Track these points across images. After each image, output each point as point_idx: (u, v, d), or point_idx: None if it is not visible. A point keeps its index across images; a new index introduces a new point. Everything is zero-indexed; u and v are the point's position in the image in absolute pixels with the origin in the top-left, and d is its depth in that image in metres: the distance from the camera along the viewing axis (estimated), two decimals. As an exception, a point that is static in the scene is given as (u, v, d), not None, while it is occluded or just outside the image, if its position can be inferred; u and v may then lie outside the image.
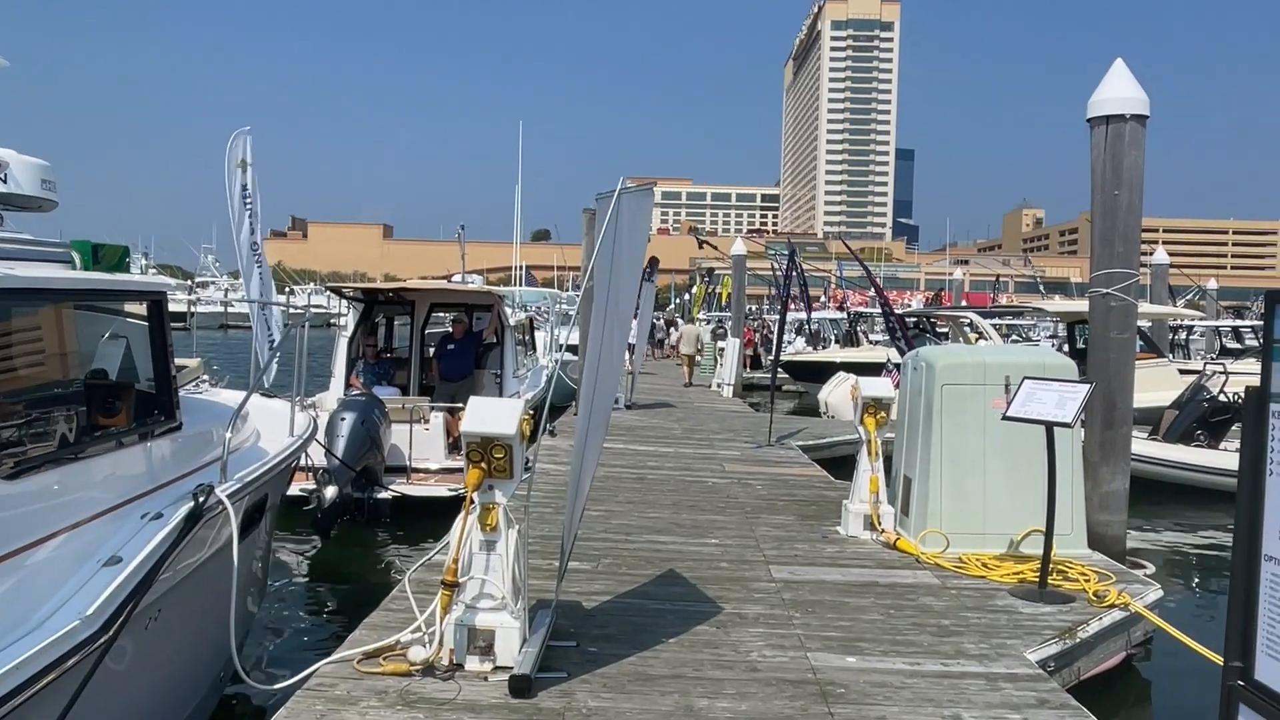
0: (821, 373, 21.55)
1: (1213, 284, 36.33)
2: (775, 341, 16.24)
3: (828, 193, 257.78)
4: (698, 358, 26.15)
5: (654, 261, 17.75)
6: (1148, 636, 6.43)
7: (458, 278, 19.58)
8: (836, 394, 17.75)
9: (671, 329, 39.48)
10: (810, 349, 30.40)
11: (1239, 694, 2.24)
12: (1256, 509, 2.19)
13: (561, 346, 14.83)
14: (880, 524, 7.59)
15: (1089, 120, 7.52)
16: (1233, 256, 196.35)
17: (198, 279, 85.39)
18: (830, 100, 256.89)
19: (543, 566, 6.28)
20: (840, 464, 12.35)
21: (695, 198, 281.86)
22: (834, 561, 7.04)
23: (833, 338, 33.44)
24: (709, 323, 37.85)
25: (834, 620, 5.65)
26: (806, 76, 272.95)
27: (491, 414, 4.48)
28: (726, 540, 7.59)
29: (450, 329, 13.06)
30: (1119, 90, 7.34)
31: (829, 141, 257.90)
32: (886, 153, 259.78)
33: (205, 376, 10.95)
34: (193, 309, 55.43)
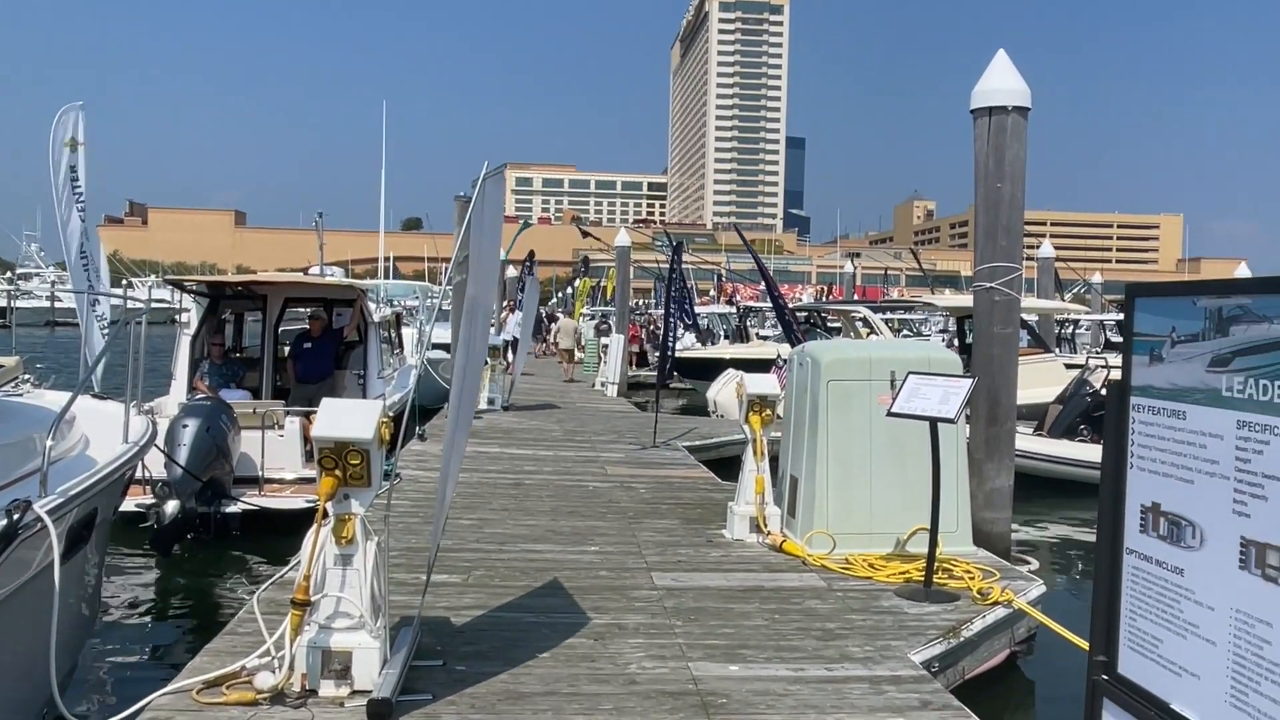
0: (710, 370, 21.85)
1: (1098, 278, 38.48)
2: (662, 338, 16.39)
3: (717, 182, 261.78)
4: (578, 353, 26.31)
5: (531, 255, 17.69)
6: (1031, 633, 6.75)
7: (315, 269, 19.06)
8: (725, 392, 18.02)
9: (552, 324, 39.42)
10: (699, 345, 30.80)
11: (1103, 688, 2.37)
12: (1118, 502, 2.33)
13: (430, 345, 14.60)
14: (766, 526, 7.75)
15: (972, 112, 7.86)
16: (1118, 250, 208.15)
17: (19, 270, 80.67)
18: (719, 85, 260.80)
19: (408, 581, 6.17)
20: (729, 465, 12.54)
21: (578, 185, 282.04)
22: (718, 566, 7.15)
23: (722, 333, 33.95)
24: (592, 318, 37.89)
25: (717, 628, 5.74)
26: (694, 60, 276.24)
27: (346, 417, 4.38)
28: (607, 547, 7.62)
29: (307, 326, 12.69)
30: (1001, 82, 7.69)
31: (718, 128, 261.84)
32: (777, 141, 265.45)
33: (27, 376, 10.34)
34: (13, 303, 52.30)
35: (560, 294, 67.38)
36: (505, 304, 32.49)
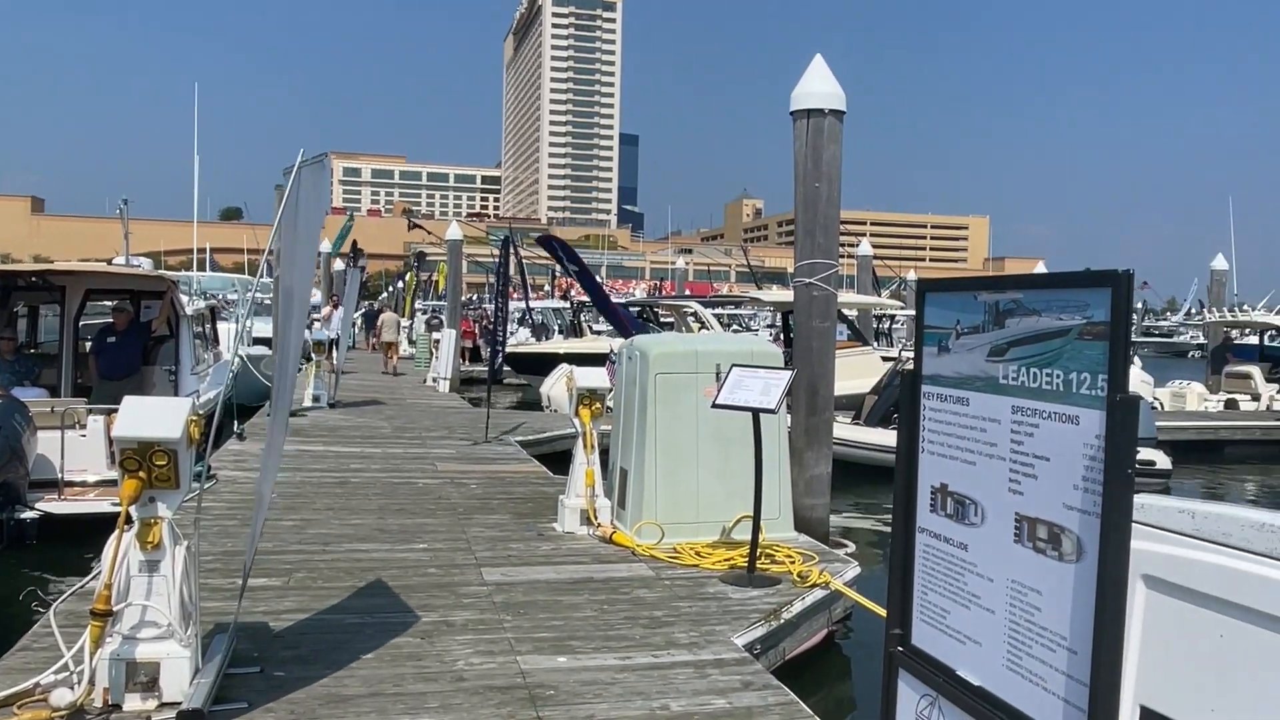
0: (545, 365, 21.83)
1: (912, 275, 40.57)
2: (494, 332, 16.25)
3: (552, 176, 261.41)
4: (407, 347, 25.95)
5: (355, 246, 17.19)
6: (848, 613, 7.09)
7: (120, 259, 17.93)
8: (557, 387, 18.04)
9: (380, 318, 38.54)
10: (534, 340, 30.71)
11: (899, 659, 2.53)
12: (911, 484, 2.48)
13: (251, 340, 14.00)
14: (596, 518, 7.82)
15: (791, 113, 8.16)
16: (931, 249, 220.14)
17: None
18: (553, 80, 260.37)
19: (224, 586, 5.92)
20: (562, 459, 12.54)
21: (409, 177, 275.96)
22: (549, 560, 7.17)
23: (556, 328, 33.98)
24: (424, 312, 37.20)
25: (546, 620, 5.76)
26: (528, 53, 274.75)
27: (150, 415, 4.15)
28: (436, 544, 7.52)
29: (111, 319, 11.93)
30: (817, 86, 8.02)
31: (552, 123, 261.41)
32: (611, 137, 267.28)
33: None
34: None
35: (391, 288, 65.77)
36: (331, 298, 31.49)
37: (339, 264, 36.93)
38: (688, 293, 46.22)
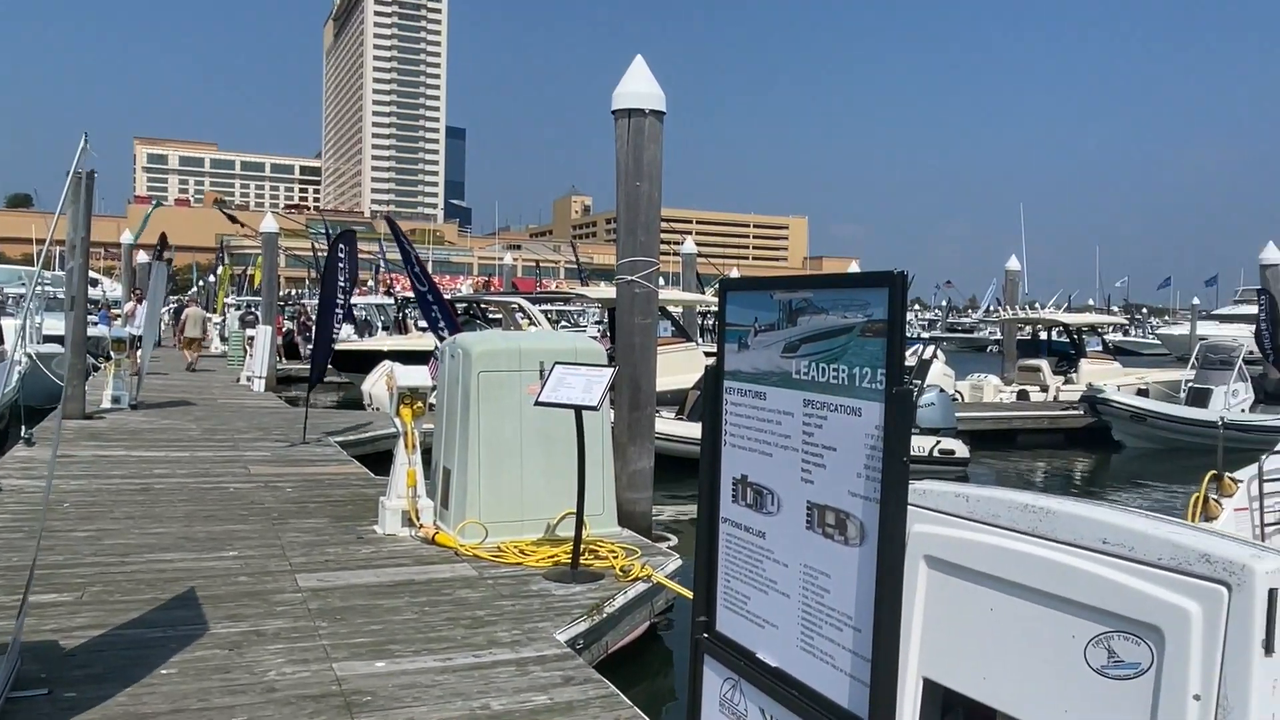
0: (368, 362, 21.26)
1: (735, 273, 41.72)
2: (315, 329, 15.70)
3: (376, 169, 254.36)
4: (219, 344, 24.90)
5: (163, 238, 16.26)
6: (669, 605, 7.24)
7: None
8: (379, 385, 17.62)
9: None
10: (356, 337, 29.84)
11: (704, 645, 2.62)
12: (715, 476, 2.58)
13: (42, 337, 13.04)
14: (419, 519, 7.70)
15: (613, 113, 8.26)
16: (754, 248, 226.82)
17: None
18: (376, 70, 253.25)
19: (6, 604, 5.51)
20: (384, 459, 12.26)
21: (222, 166, 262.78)
22: (369, 563, 7.01)
23: (380, 325, 33.14)
24: (238, 308, 35.55)
25: (364, 625, 5.64)
26: (349, 40, 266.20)
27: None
28: (248, 551, 7.22)
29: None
30: (638, 86, 8.15)
31: (376, 113, 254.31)
32: (437, 129, 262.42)
33: None
34: None
35: (202, 282, 62.45)
36: (134, 292, 29.68)
37: (142, 256, 34.82)
38: (515, 289, 45.99)
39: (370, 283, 52.70)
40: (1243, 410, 18.67)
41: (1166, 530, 2.08)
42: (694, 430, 14.08)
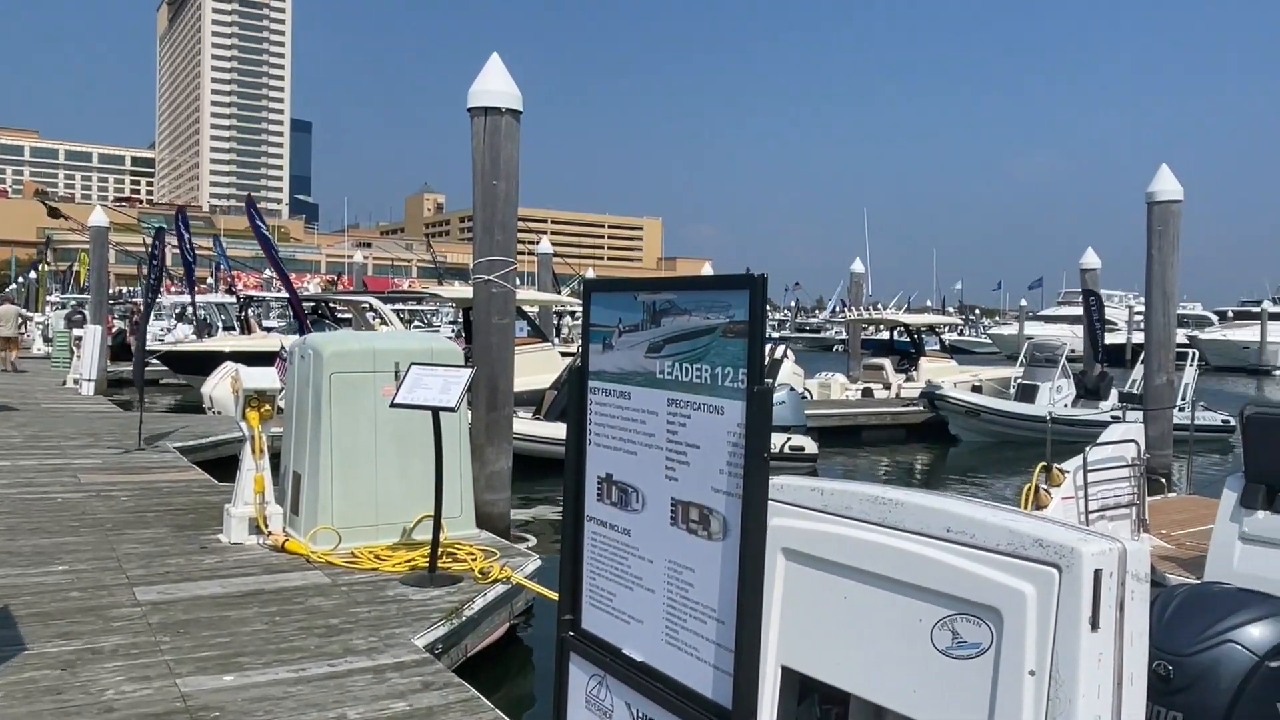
0: (208, 364, 20.35)
1: (591, 273, 41.89)
2: (139, 329, 14.92)
3: (215, 161, 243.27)
4: (44, 346, 23.43)
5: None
6: (529, 605, 7.24)
7: None
8: (221, 387, 16.90)
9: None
10: (195, 337, 28.51)
11: (570, 644, 2.64)
12: (580, 475, 2.61)
13: None
14: (267, 526, 7.44)
15: (469, 110, 8.18)
16: (609, 248, 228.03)
17: None
18: (215, 58, 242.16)
19: None
20: (228, 465, 11.80)
21: (43, 154, 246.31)
22: (214, 573, 6.73)
23: (220, 324, 31.79)
24: (63, 306, 33.43)
25: (211, 638, 5.41)
26: (185, 26, 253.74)
27: None
28: (80, 565, 6.82)
29: None
30: (494, 84, 8.10)
31: (215, 104, 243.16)
32: (281, 122, 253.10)
33: None
34: None
35: (22, 279, 58.37)
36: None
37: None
38: (366, 288, 44.87)
39: (210, 280, 50.45)
40: (1066, 405, 19.96)
41: (1003, 518, 2.23)
42: (552, 430, 14.08)
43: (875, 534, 2.44)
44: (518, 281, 9.66)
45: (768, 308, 2.12)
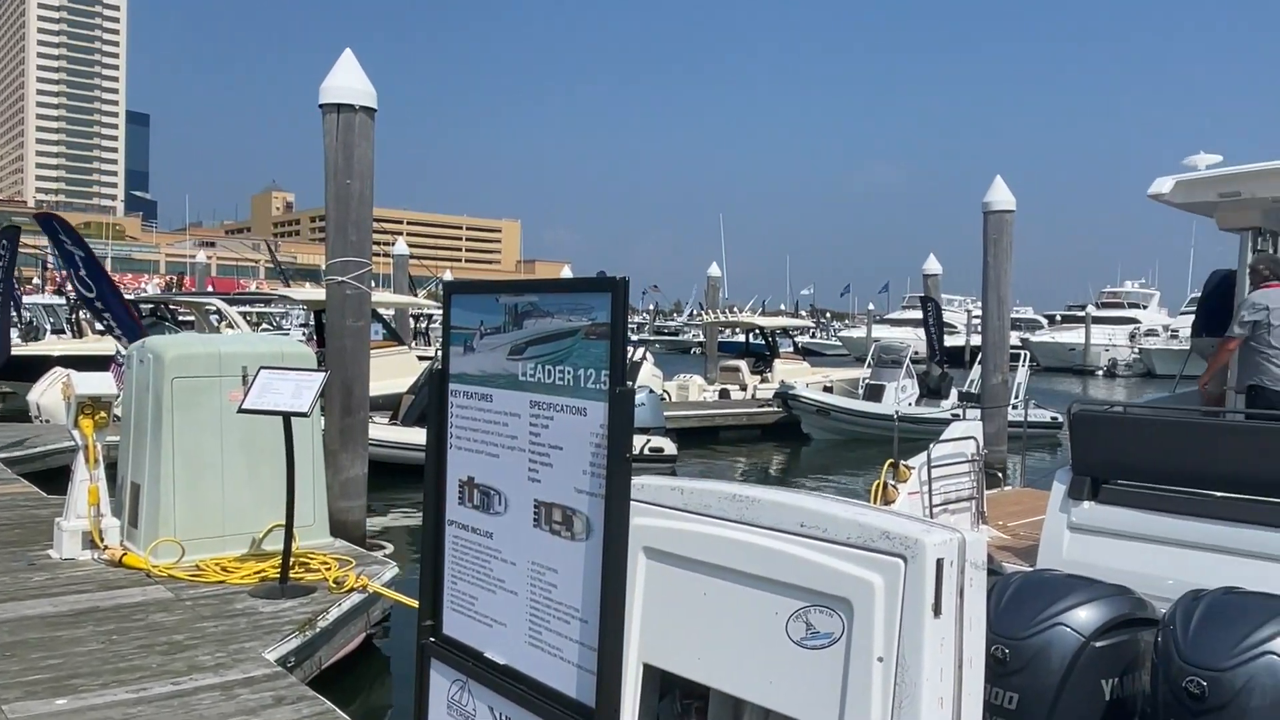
0: (35, 369, 19.09)
1: (448, 275, 41.28)
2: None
3: (41, 153, 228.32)
4: None
5: None
6: (386, 614, 7.09)
7: None
8: (50, 394, 15.89)
9: None
10: (21, 341, 26.69)
11: (431, 650, 2.61)
12: (441, 479, 2.58)
13: None
14: (103, 541, 7.04)
15: (321, 107, 7.96)
16: (467, 251, 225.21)
17: None
18: (42, 43, 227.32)
19: None
20: (58, 476, 11.11)
21: None
22: (44, 591, 6.33)
23: (48, 327, 29.88)
24: None
25: (41, 660, 5.09)
26: (9, 9, 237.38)
27: None
28: (-112, 588, 6.30)
29: None
30: (347, 81, 7.91)
31: (41, 92, 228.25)
32: (115, 114, 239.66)
33: None
34: None
35: None
36: None
37: None
38: (210, 289, 42.95)
39: (36, 280, 47.37)
40: (910, 404, 20.85)
41: (853, 512, 2.33)
42: (409, 435, 13.81)
43: (733, 531, 2.50)
44: (373, 283, 9.45)
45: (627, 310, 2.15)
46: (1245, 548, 4.73)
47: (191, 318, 23.06)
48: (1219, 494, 4.97)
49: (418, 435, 13.84)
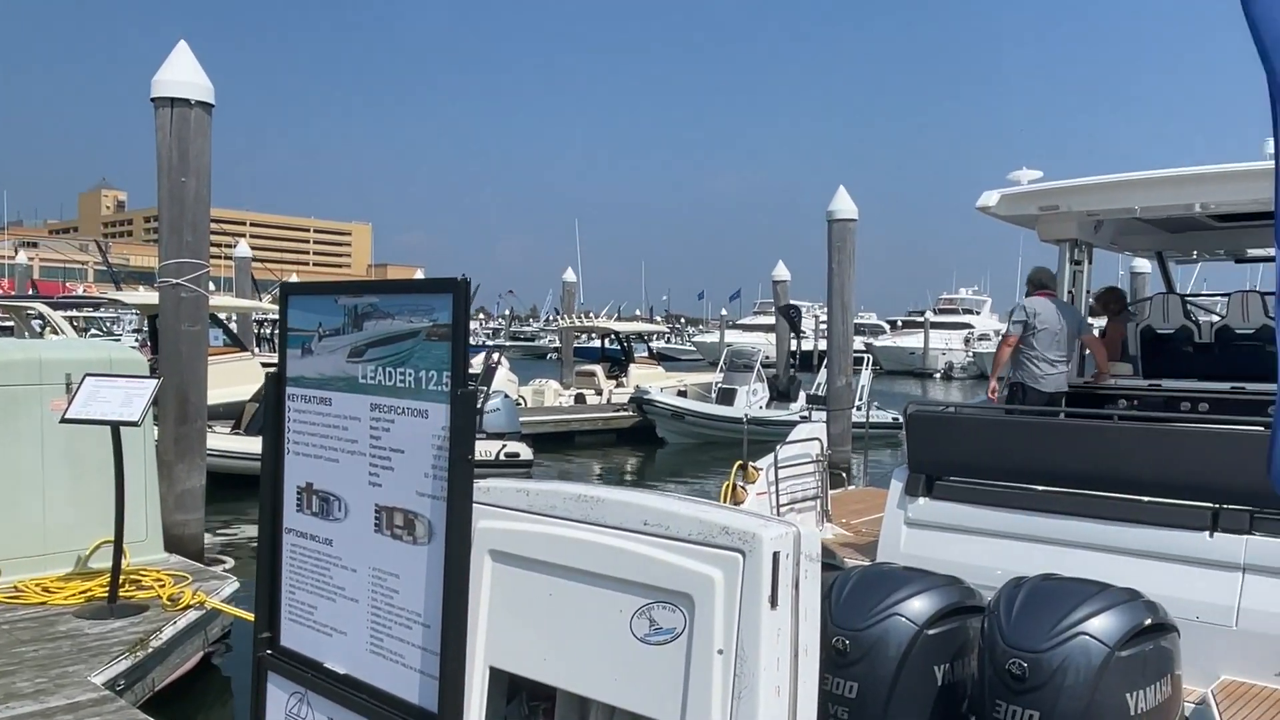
0: None
1: (294, 278, 39.90)
2: None
3: None
4: None
5: None
6: (226, 631, 6.81)
7: None
8: None
9: None
10: None
11: (268, 663, 2.53)
12: (278, 486, 2.51)
13: None
14: (-94, 563, 6.51)
15: (153, 100, 7.59)
16: (315, 254, 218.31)
17: None
18: None
19: None
20: None
21: None
22: None
23: None
24: None
25: None
26: None
27: None
28: None
29: None
30: (182, 74, 7.56)
31: None
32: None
33: None
34: None
35: None
36: None
37: None
38: (32, 293, 40.29)
39: None
40: (761, 407, 21.39)
41: (695, 509, 2.38)
42: (252, 445, 13.29)
43: (579, 531, 2.52)
44: (212, 286, 9.06)
45: (482, 316, 2.15)
46: (1063, 537, 5.06)
47: (11, 323, 21.56)
48: (1040, 488, 5.30)
49: (259, 444, 13.35)
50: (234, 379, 15.32)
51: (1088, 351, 7.58)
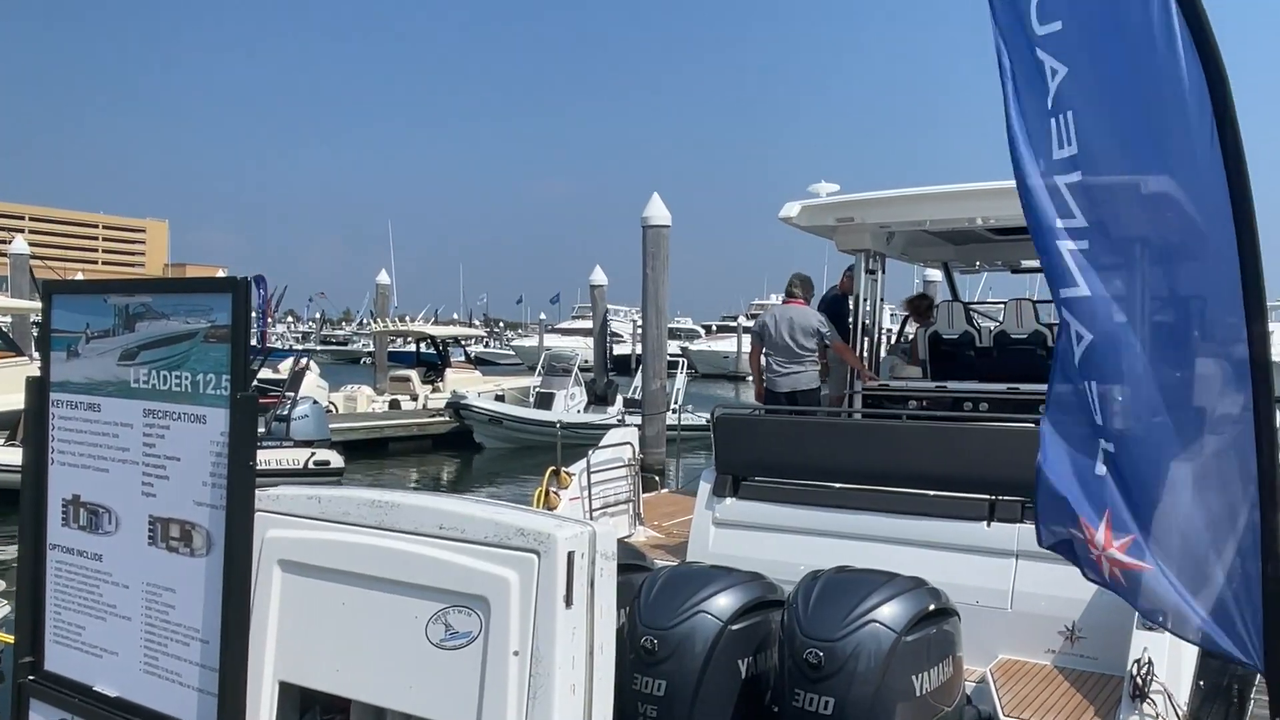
0: None
1: (80, 277, 37.21)
2: None
3: None
4: None
5: None
6: (-6, 660, 6.27)
7: None
8: None
9: None
10: None
11: (30, 689, 2.36)
12: (41, 500, 2.34)
13: None
14: None
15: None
16: (104, 251, 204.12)
17: None
18: None
19: None
20: None
21: None
22: None
23: None
24: None
25: None
26: None
27: None
28: None
29: None
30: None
31: None
32: None
33: None
34: None
35: None
36: None
37: None
38: None
39: None
40: (579, 411, 21.50)
41: (490, 512, 2.38)
42: (11, 456, 12.31)
43: (372, 537, 2.47)
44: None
45: (290, 319, 2.07)
46: (859, 531, 5.33)
47: None
48: (838, 485, 5.56)
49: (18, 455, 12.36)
50: (8, 386, 14.13)
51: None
